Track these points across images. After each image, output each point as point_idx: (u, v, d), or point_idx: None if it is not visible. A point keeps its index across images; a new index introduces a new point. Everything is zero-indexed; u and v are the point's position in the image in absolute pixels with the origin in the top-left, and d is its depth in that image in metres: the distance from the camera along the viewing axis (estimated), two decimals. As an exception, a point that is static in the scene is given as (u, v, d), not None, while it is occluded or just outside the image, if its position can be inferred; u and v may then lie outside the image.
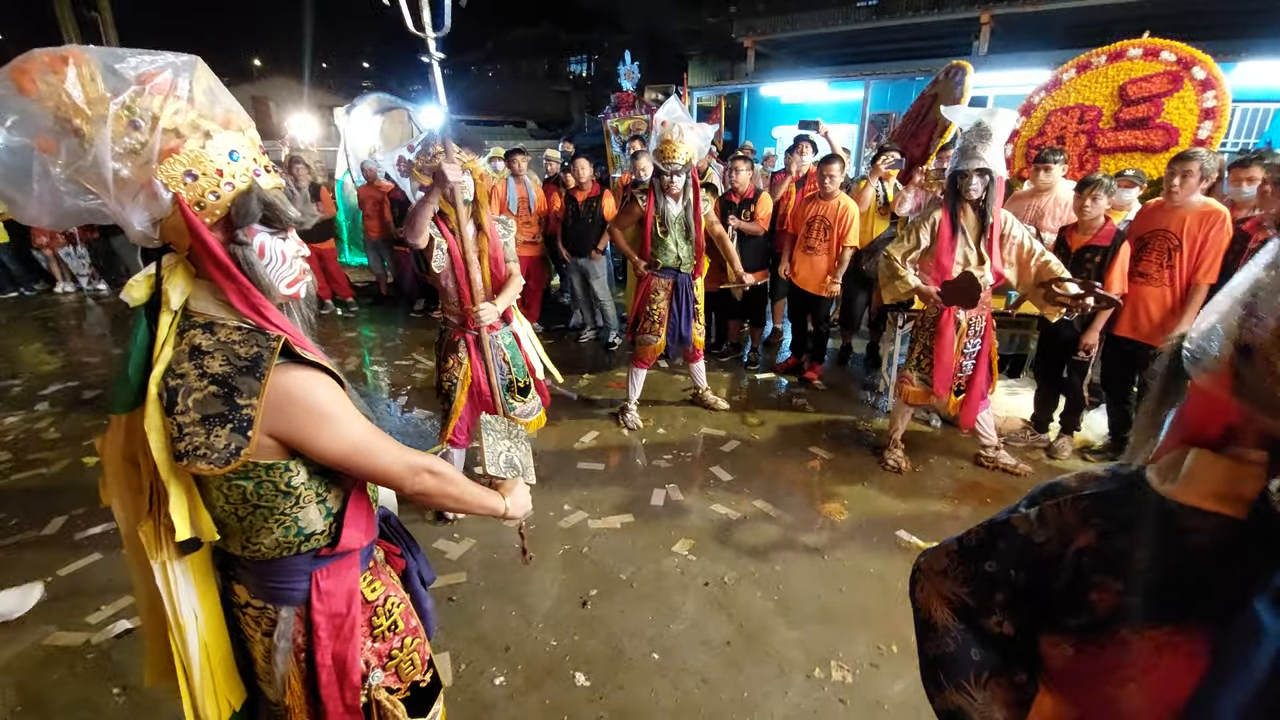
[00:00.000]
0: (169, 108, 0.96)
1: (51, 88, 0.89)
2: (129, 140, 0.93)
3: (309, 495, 1.11)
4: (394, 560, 1.41)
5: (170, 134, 0.95)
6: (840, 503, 3.20)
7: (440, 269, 2.61)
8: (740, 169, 4.76)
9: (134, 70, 0.94)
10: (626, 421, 4.02)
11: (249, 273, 1.04)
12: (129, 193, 0.96)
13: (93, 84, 0.91)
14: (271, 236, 1.07)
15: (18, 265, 8.10)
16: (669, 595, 2.57)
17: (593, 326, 5.89)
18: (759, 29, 11.76)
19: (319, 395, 1.05)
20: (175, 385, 0.98)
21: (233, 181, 1.00)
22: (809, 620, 2.42)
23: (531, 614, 2.47)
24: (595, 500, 3.23)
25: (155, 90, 0.95)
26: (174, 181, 0.96)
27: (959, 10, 9.52)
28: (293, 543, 1.12)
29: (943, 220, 3.04)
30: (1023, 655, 0.77)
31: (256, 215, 1.03)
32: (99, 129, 0.91)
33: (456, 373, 2.78)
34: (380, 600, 1.29)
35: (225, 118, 1.03)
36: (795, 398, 4.52)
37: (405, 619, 1.34)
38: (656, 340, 3.87)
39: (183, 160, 0.97)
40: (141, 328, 1.03)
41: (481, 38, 28.35)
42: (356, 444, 1.08)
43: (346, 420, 1.08)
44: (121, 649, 2.30)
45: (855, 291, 4.81)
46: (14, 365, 5.42)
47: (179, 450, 0.97)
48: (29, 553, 2.85)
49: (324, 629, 1.18)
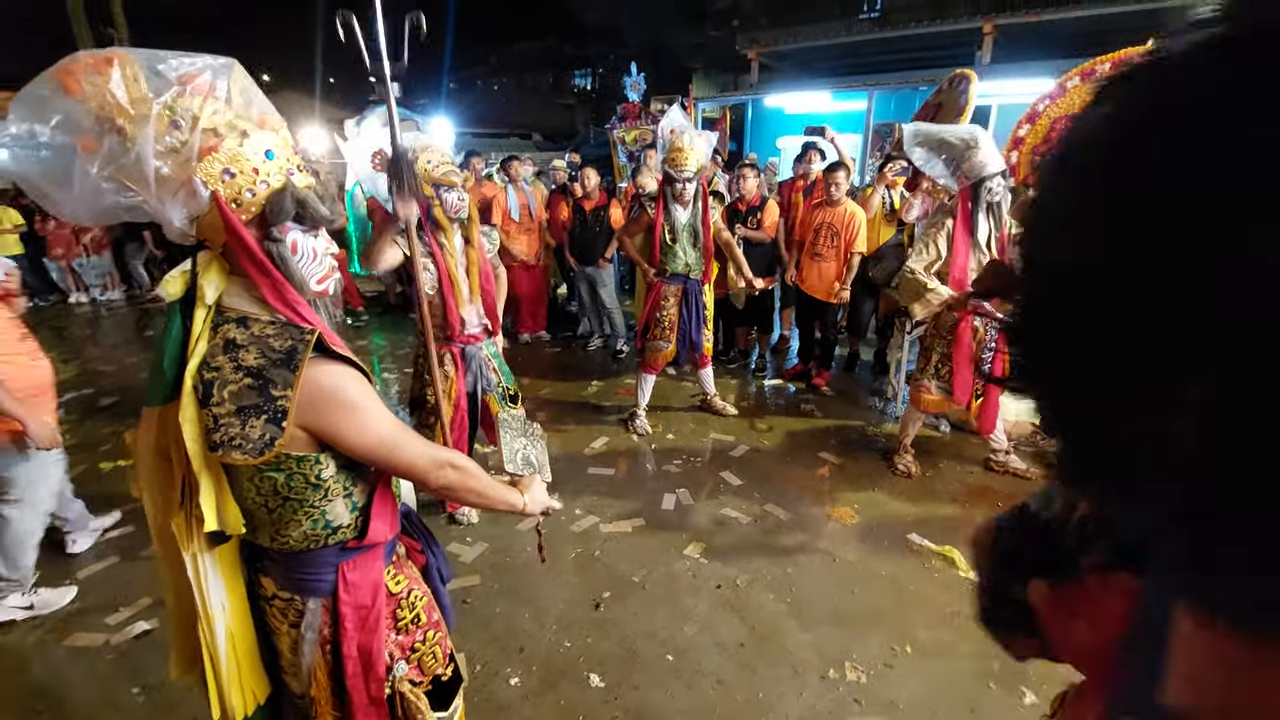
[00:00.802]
0: (208, 108, 0.99)
1: (96, 88, 0.93)
2: (170, 139, 0.96)
3: (337, 488, 1.13)
4: (415, 556, 1.43)
5: (209, 133, 0.98)
6: (850, 507, 3.21)
7: (432, 291, 2.61)
8: (748, 176, 4.80)
9: (175, 71, 0.98)
10: (636, 427, 4.04)
11: (283, 268, 1.07)
12: (169, 190, 0.99)
13: (136, 84, 0.95)
14: (304, 234, 1.10)
15: (33, 276, 8.18)
16: (681, 598, 2.58)
17: (600, 334, 5.92)
18: (762, 41, 11.87)
19: (350, 388, 1.08)
20: (211, 378, 1.00)
21: (268, 180, 1.03)
22: (822, 622, 2.43)
23: (545, 616, 2.48)
24: (606, 504, 3.25)
25: (195, 91, 0.98)
26: (212, 179, 0.99)
27: (961, 20, 9.60)
28: (320, 535, 1.14)
29: (959, 227, 3.04)
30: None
31: (290, 213, 1.06)
32: (141, 128, 0.94)
33: (443, 385, 2.79)
34: (404, 593, 1.31)
35: (261, 118, 1.07)
36: (803, 404, 4.53)
37: (428, 612, 1.36)
38: (667, 347, 3.88)
39: (221, 158, 1.00)
40: (176, 322, 1.06)
41: (486, 52, 28.65)
42: (383, 437, 1.10)
43: (375, 414, 1.10)
44: (141, 649, 2.32)
45: (862, 298, 4.84)
46: (30, 374, 5.48)
47: (214, 441, 0.99)
48: (49, 556, 2.88)
49: (350, 620, 1.20)
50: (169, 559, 1.17)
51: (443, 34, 21.84)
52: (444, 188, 2.56)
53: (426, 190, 2.54)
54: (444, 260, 2.61)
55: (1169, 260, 0.23)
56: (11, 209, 8.06)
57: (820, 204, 4.50)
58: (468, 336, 2.77)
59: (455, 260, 2.66)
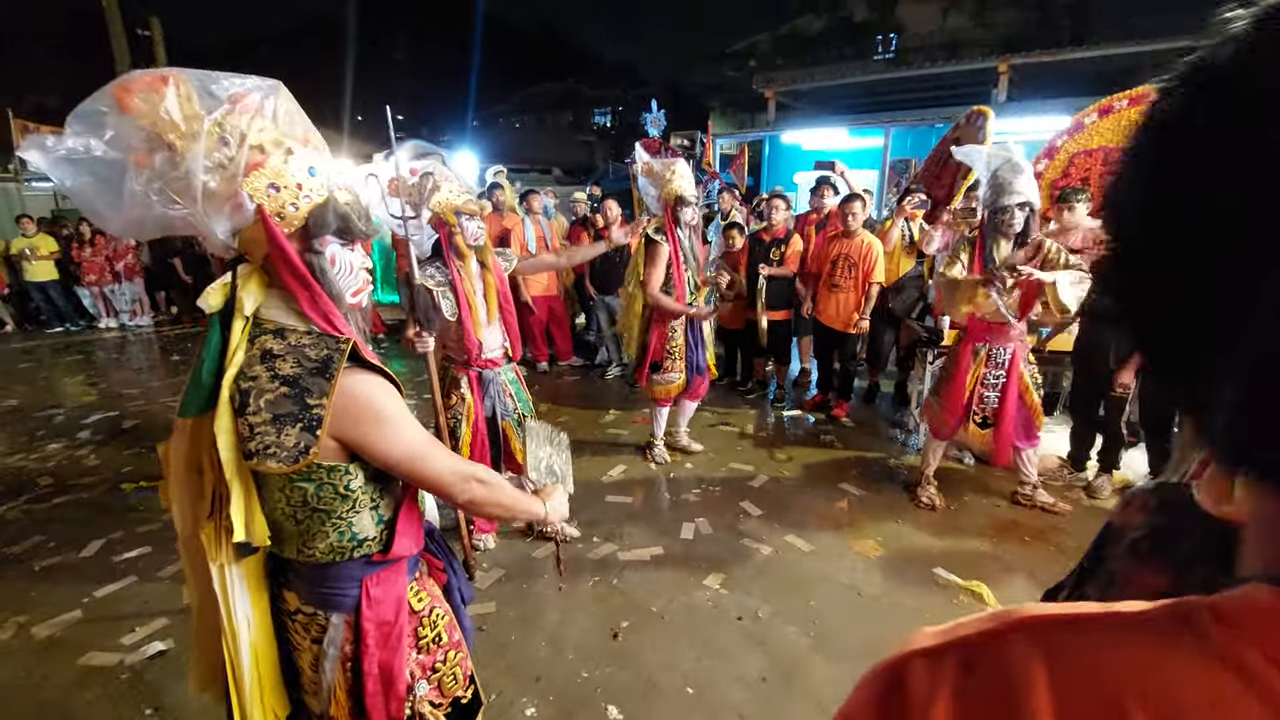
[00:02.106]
0: (255, 125, 1.03)
1: (150, 105, 0.97)
2: (218, 155, 1.00)
3: (364, 500, 1.13)
4: (436, 574, 1.41)
5: (255, 150, 1.02)
6: (874, 539, 3.13)
7: (451, 316, 2.65)
8: (779, 207, 4.83)
9: (226, 91, 1.02)
10: (654, 456, 4.00)
11: (322, 280, 1.10)
12: (216, 204, 1.02)
13: (189, 102, 0.99)
14: (342, 247, 1.13)
15: (65, 301, 8.43)
16: (701, 629, 2.51)
17: (619, 363, 5.93)
18: (779, 80, 12.11)
19: (382, 399, 1.10)
20: (247, 388, 1.02)
21: (310, 195, 1.07)
22: (848, 657, 2.35)
23: (562, 645, 2.43)
24: (624, 533, 3.20)
25: (244, 109, 1.02)
26: (258, 193, 1.03)
27: (976, 60, 9.74)
28: (346, 548, 1.14)
29: (975, 255, 3.04)
30: None
31: (332, 226, 1.09)
32: (192, 144, 0.98)
33: (460, 409, 2.79)
34: (426, 611, 1.30)
35: (305, 136, 1.11)
36: (823, 434, 4.48)
37: (449, 632, 1.34)
38: (679, 378, 3.78)
39: (266, 174, 1.03)
40: (216, 334, 1.08)
41: (509, 91, 29.52)
42: (413, 448, 1.11)
43: (405, 424, 1.11)
44: (154, 670, 2.30)
45: (882, 330, 4.81)
46: (58, 396, 5.60)
47: (249, 449, 1.00)
48: (67, 574, 2.89)
49: (372, 636, 1.19)
50: (195, 571, 1.18)
51: (468, 73, 22.61)
52: (465, 216, 2.61)
53: (449, 219, 2.59)
54: (462, 286, 2.66)
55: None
56: (48, 236, 8.35)
57: (837, 235, 4.52)
58: (486, 360, 2.79)
59: (473, 285, 2.70)
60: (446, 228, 2.59)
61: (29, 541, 3.16)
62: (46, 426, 4.79)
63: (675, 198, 3.48)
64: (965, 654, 0.34)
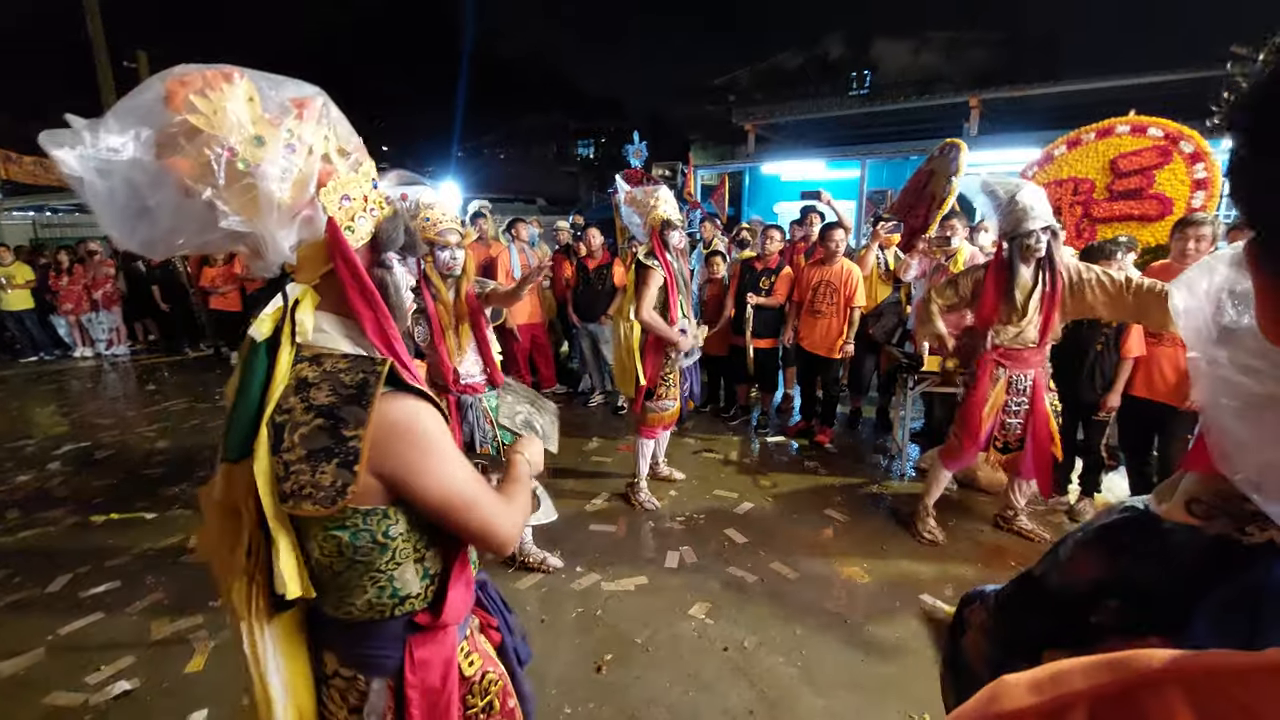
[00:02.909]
0: (320, 133, 0.93)
1: (208, 104, 0.84)
2: (284, 162, 0.89)
3: (406, 550, 1.01)
4: (490, 632, 1.26)
5: (324, 159, 0.94)
6: (860, 566, 3.12)
7: (423, 340, 2.65)
8: (774, 237, 4.87)
9: (285, 94, 0.91)
10: (641, 501, 3.75)
11: (390, 298, 1.02)
12: (284, 217, 0.91)
13: (254, 104, 0.88)
14: (399, 263, 1.05)
15: (40, 330, 8.28)
16: (687, 660, 2.47)
17: (601, 391, 5.92)
18: (758, 114, 12.43)
19: (426, 424, 0.97)
20: (282, 421, 0.92)
21: (375, 208, 0.99)
22: (835, 687, 2.32)
23: (543, 679, 2.37)
24: (608, 563, 3.16)
25: (309, 116, 0.93)
26: (331, 205, 0.94)
27: (948, 95, 10.09)
28: (386, 605, 1.02)
29: (990, 279, 3.01)
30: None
31: (400, 240, 1.02)
32: (258, 150, 0.86)
33: None
34: (477, 677, 1.16)
35: (360, 146, 1.01)
36: (807, 460, 4.48)
37: (502, 699, 1.20)
38: (674, 406, 3.67)
39: (339, 185, 0.95)
40: (262, 366, 0.95)
41: (494, 123, 29.92)
42: (460, 487, 0.99)
43: (452, 457, 0.99)
44: (119, 711, 2.21)
45: (863, 355, 4.87)
46: (28, 426, 5.46)
47: (284, 491, 0.91)
48: (32, 610, 2.79)
49: (417, 705, 1.05)
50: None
51: (453, 106, 22.91)
52: (439, 246, 2.61)
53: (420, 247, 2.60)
54: (437, 313, 2.66)
55: None
56: (25, 265, 8.24)
57: (817, 262, 4.60)
58: (464, 386, 2.77)
59: (448, 313, 2.70)
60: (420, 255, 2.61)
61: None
62: (15, 457, 4.65)
63: (662, 223, 3.50)
64: (1087, 713, 0.31)
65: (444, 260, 2.63)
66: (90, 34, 11.90)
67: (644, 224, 3.62)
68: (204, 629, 2.65)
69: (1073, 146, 5.16)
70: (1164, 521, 0.69)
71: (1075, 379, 3.33)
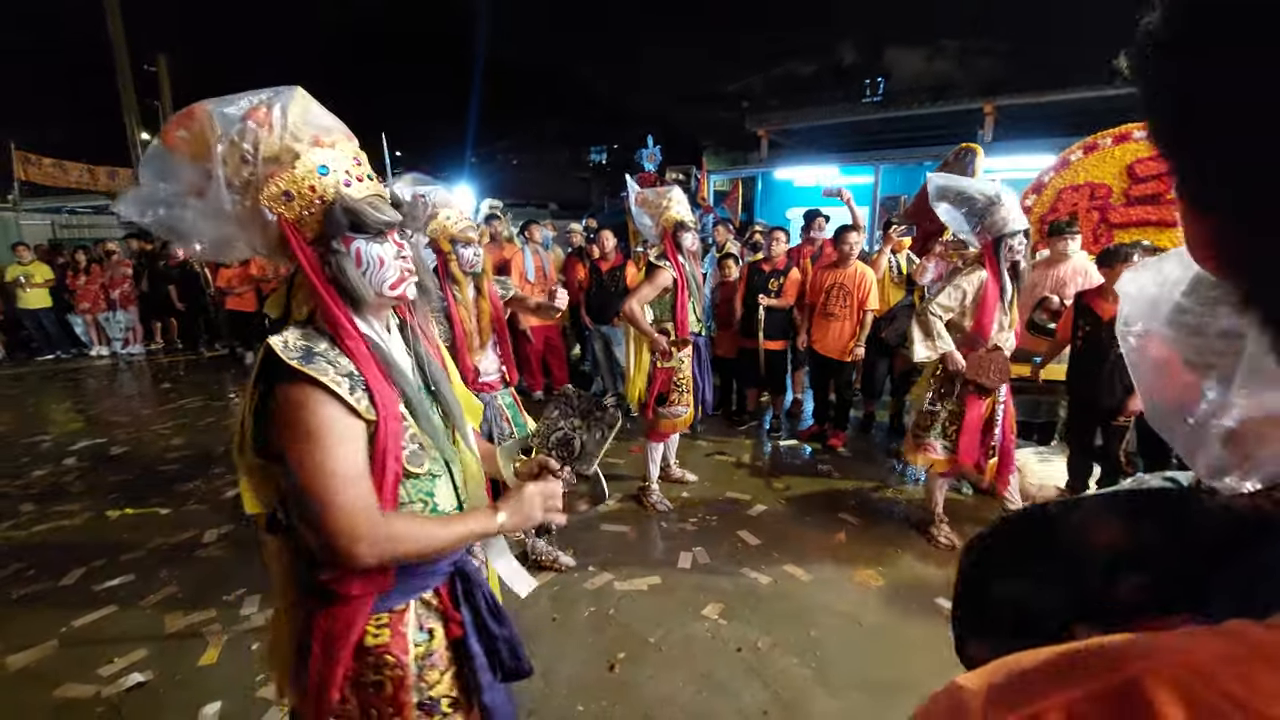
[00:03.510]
0: (265, 136, 1.01)
1: (184, 140, 0.99)
2: (244, 173, 0.99)
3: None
4: (451, 625, 1.21)
5: (270, 161, 1.00)
6: (874, 569, 3.08)
7: (445, 340, 2.66)
8: (780, 239, 4.90)
9: (241, 110, 1.01)
10: (653, 502, 3.74)
11: (342, 279, 1.06)
12: (249, 224, 1.02)
13: (211, 127, 0.99)
14: (368, 242, 1.08)
15: (57, 329, 8.38)
16: (700, 661, 2.44)
17: (614, 393, 5.91)
18: (771, 121, 12.43)
19: (306, 413, 0.99)
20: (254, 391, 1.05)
21: (324, 196, 1.03)
22: (850, 689, 2.29)
23: (556, 677, 2.36)
24: (620, 562, 3.14)
25: (257, 122, 1.00)
26: (276, 203, 1.01)
27: (963, 101, 10.05)
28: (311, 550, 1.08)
29: (990, 284, 3.00)
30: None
31: (343, 224, 1.05)
32: (220, 168, 0.98)
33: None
34: (378, 652, 1.12)
35: (314, 137, 1.05)
36: (820, 464, 4.45)
37: (395, 691, 1.12)
38: (686, 412, 3.65)
39: (280, 183, 1.01)
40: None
41: (506, 129, 30.12)
42: (324, 482, 0.98)
43: (326, 448, 0.99)
44: (131, 703, 2.21)
45: (875, 359, 4.83)
46: (45, 423, 5.52)
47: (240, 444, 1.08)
48: (46, 603, 2.81)
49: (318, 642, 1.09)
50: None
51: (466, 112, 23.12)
52: (461, 244, 2.64)
53: (444, 245, 2.62)
54: (456, 312, 2.67)
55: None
56: (43, 264, 8.35)
57: (831, 265, 4.58)
58: (482, 384, 2.78)
59: (469, 311, 2.71)
60: (443, 255, 2.62)
61: (8, 569, 3.08)
62: (32, 453, 4.70)
63: (675, 224, 3.49)
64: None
65: (467, 258, 2.65)
66: (111, 37, 12.09)
67: (655, 225, 3.61)
68: (217, 622, 2.65)
69: (1089, 151, 5.11)
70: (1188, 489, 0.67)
71: (1094, 383, 3.28)
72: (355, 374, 1.04)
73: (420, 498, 1.13)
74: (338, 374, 1.01)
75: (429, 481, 1.14)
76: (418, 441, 1.12)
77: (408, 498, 1.11)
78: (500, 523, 1.14)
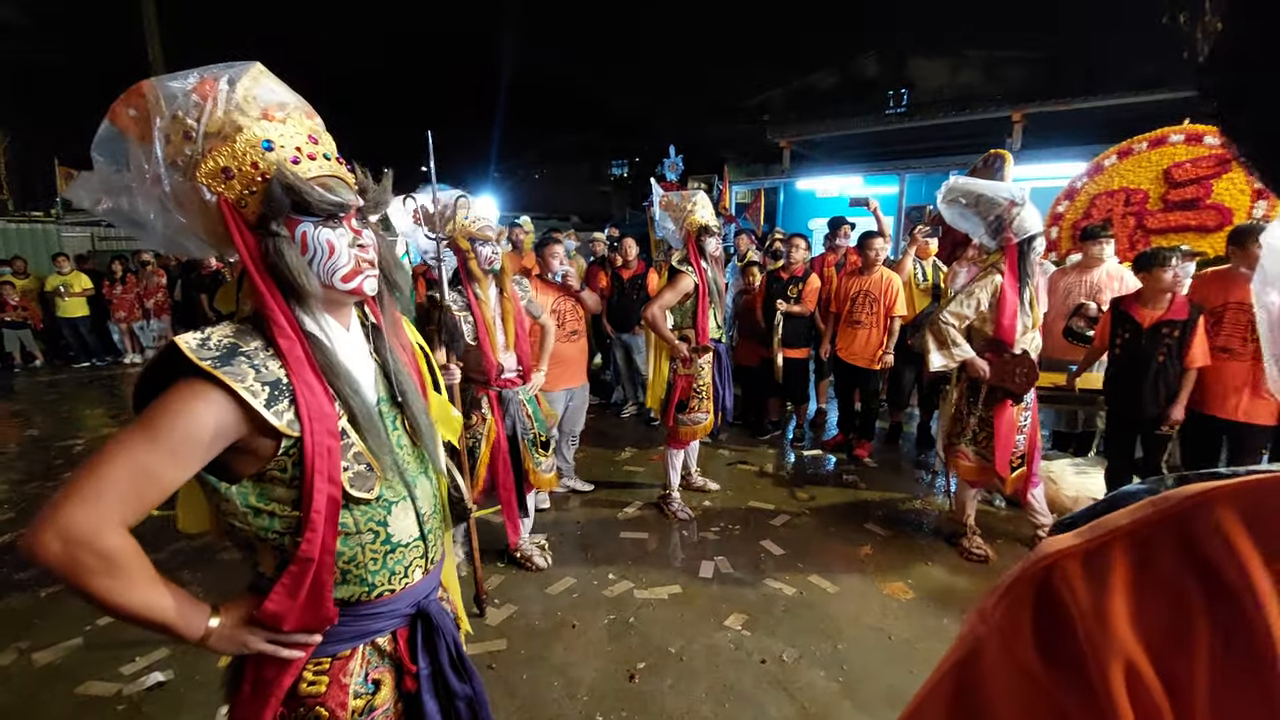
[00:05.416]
0: (209, 110, 0.90)
1: (132, 120, 0.90)
2: (187, 150, 0.90)
3: (246, 528, 0.94)
4: (407, 678, 1.08)
5: (212, 137, 0.90)
6: (903, 581, 2.99)
7: (471, 340, 2.68)
8: (799, 245, 4.86)
9: (189, 85, 0.91)
10: (675, 511, 3.67)
11: (280, 264, 0.93)
12: (188, 206, 0.91)
13: (158, 105, 0.89)
14: (316, 227, 0.95)
15: (94, 337, 8.61)
16: (723, 672, 2.37)
17: (635, 402, 5.87)
18: (793, 132, 12.38)
19: (160, 404, 0.86)
20: None
21: (266, 174, 0.92)
22: (879, 703, 2.20)
23: (576, 686, 2.30)
24: (641, 570, 3.09)
25: (201, 97, 0.91)
26: (215, 181, 0.90)
27: (990, 110, 9.91)
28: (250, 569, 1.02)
29: (1007, 282, 2.94)
30: None
31: (284, 203, 0.92)
32: (161, 145, 0.89)
33: (480, 428, 2.75)
34: (307, 698, 0.99)
35: (264, 111, 0.94)
36: (845, 474, 4.35)
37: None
38: (707, 419, 3.59)
39: (219, 158, 0.90)
40: None
41: (530, 144, 30.49)
42: (96, 465, 0.83)
43: (135, 443, 0.84)
44: (152, 702, 2.21)
45: (902, 368, 4.72)
46: (79, 428, 5.64)
47: None
48: (72, 601, 2.83)
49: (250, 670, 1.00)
50: None
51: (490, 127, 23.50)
52: (479, 241, 2.66)
53: (463, 244, 2.64)
54: (480, 310, 2.68)
55: None
56: (82, 274, 8.60)
57: (856, 272, 4.50)
58: (505, 381, 2.78)
59: (491, 310, 2.72)
60: (462, 253, 2.65)
61: (38, 568, 3.11)
62: (66, 456, 4.80)
63: (699, 228, 3.46)
64: (1131, 544, 0.30)
65: (486, 255, 2.69)
66: (150, 58, 12.52)
67: (679, 229, 3.58)
68: (237, 623, 2.65)
69: (1124, 157, 4.99)
70: None
71: (1137, 393, 3.15)
72: (283, 381, 0.91)
73: (370, 527, 0.99)
74: (258, 380, 0.88)
75: (381, 509, 1.00)
76: (364, 462, 0.97)
77: (354, 527, 0.97)
78: (211, 627, 0.92)
